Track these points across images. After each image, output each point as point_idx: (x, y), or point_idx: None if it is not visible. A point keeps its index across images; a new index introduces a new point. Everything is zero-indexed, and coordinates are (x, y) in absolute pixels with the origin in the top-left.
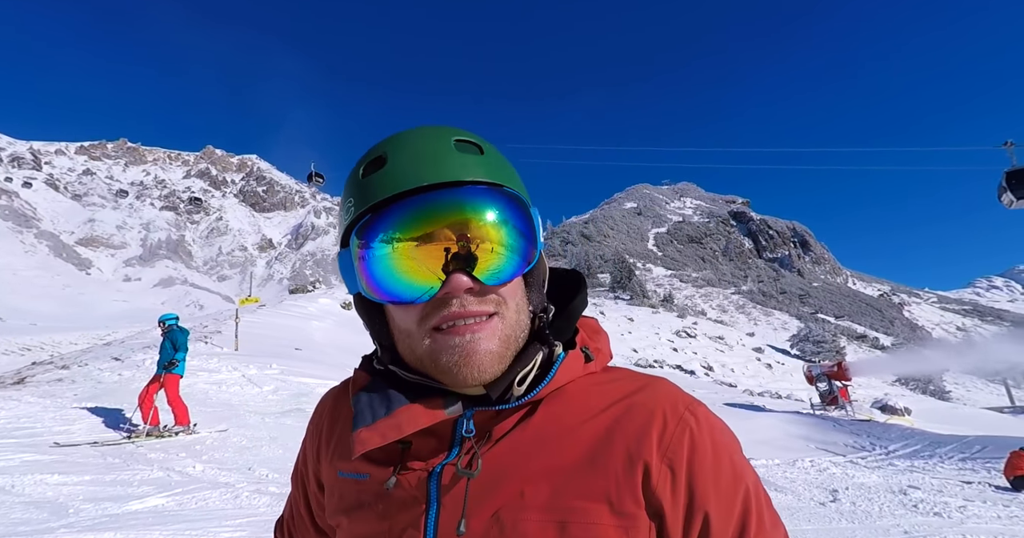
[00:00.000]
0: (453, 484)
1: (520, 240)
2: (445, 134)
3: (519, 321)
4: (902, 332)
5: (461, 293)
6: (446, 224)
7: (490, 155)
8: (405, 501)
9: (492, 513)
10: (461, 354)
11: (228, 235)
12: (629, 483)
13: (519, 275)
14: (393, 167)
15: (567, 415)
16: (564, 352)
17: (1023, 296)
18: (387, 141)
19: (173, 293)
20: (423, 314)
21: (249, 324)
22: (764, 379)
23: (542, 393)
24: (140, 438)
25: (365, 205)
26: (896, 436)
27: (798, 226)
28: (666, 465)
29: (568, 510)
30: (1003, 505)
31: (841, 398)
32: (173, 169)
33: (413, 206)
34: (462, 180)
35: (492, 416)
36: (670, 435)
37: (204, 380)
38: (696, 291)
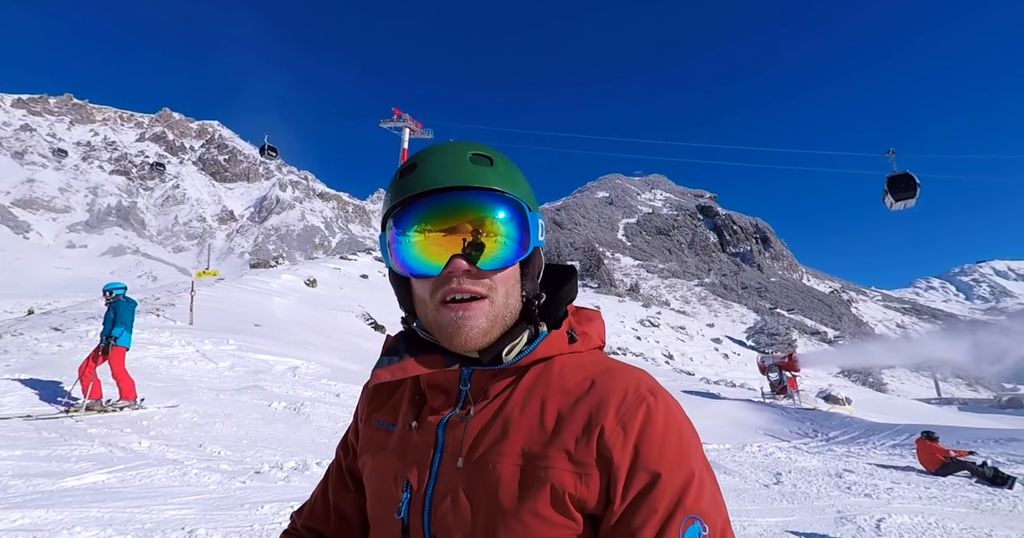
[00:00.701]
0: (454, 430)
1: (513, 235)
2: (464, 148)
3: (507, 304)
4: (848, 327)
5: (460, 274)
6: (454, 218)
7: (499, 166)
8: (419, 444)
9: (479, 455)
10: (454, 326)
11: (185, 204)
12: (586, 440)
13: (510, 265)
14: (419, 172)
15: (547, 383)
16: (548, 331)
17: (955, 297)
18: (420, 153)
19: (123, 263)
20: (434, 288)
21: (206, 298)
22: (721, 368)
23: (525, 360)
24: (79, 412)
25: (396, 200)
26: (836, 424)
27: (760, 223)
28: (619, 426)
29: (535, 456)
30: (924, 487)
31: (790, 388)
32: (125, 131)
33: (433, 202)
34: (469, 185)
35: (489, 377)
36: (627, 406)
37: (154, 354)
38: (661, 282)
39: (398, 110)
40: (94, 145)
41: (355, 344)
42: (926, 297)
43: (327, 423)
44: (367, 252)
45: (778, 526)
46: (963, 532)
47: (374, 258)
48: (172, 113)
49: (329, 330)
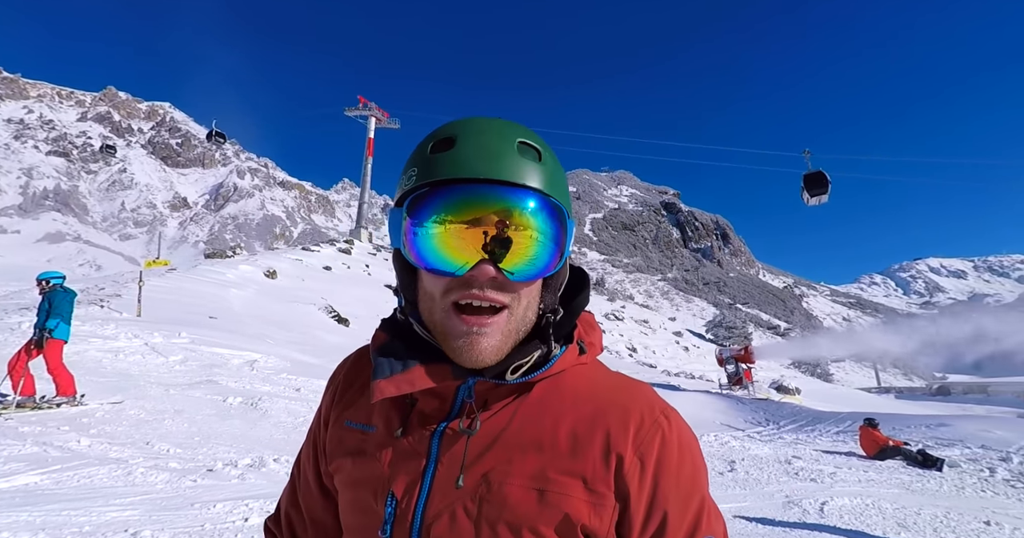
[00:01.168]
0: (453, 442)
1: (550, 247)
2: (512, 133)
3: (525, 317)
4: (799, 321)
5: (485, 279)
6: (491, 216)
7: (547, 163)
8: (408, 453)
9: (483, 474)
10: (467, 341)
11: (133, 189)
12: (603, 469)
13: (540, 278)
14: (459, 153)
15: (558, 399)
16: (564, 346)
17: (895, 292)
18: (459, 124)
19: (62, 250)
20: (448, 287)
21: (156, 288)
22: (681, 361)
23: (536, 378)
24: (9, 410)
25: (426, 179)
26: (787, 413)
27: (720, 219)
28: (638, 458)
29: (548, 480)
30: (863, 471)
31: (745, 379)
32: (64, 109)
33: (467, 193)
34: (516, 182)
35: (492, 388)
36: (645, 433)
37: (97, 347)
38: (626, 276)
39: (364, 98)
40: (28, 123)
41: (317, 337)
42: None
43: (286, 418)
44: (331, 243)
45: (730, 512)
46: (896, 511)
47: (337, 250)
48: (118, 92)
49: (290, 323)
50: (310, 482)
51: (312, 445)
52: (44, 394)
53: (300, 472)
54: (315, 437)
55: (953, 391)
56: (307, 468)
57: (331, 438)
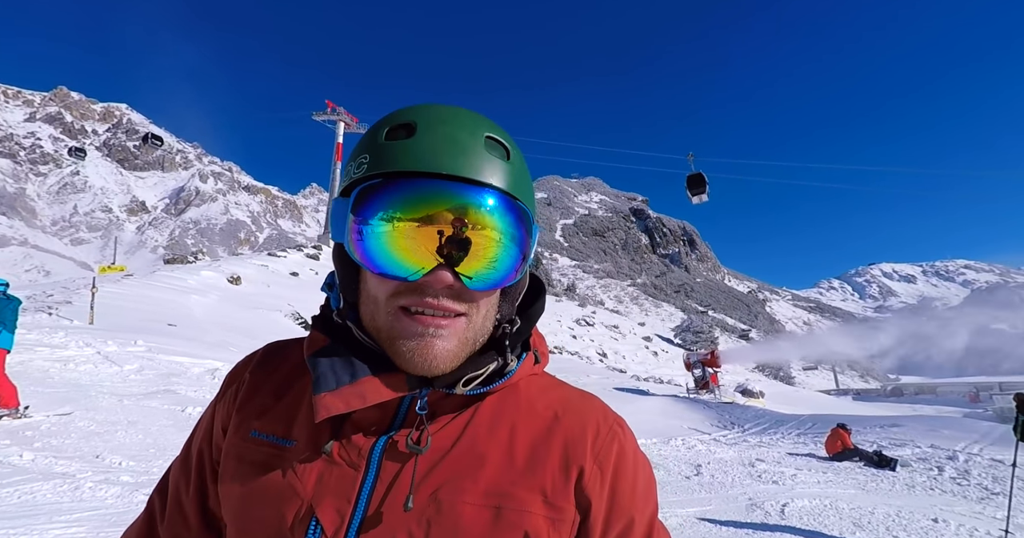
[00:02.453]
0: (397, 459)
1: (514, 253)
2: (479, 126)
3: (483, 327)
4: (763, 325)
5: (440, 287)
6: (450, 216)
7: (514, 162)
8: (338, 472)
9: (431, 492)
10: (419, 344)
11: (87, 193)
12: (563, 481)
13: (501, 287)
14: (419, 143)
15: (512, 410)
16: (522, 355)
17: (852, 296)
18: (420, 110)
19: (7, 255)
20: (396, 290)
21: (110, 295)
22: (650, 365)
23: (491, 390)
24: None
25: (379, 169)
26: (751, 416)
27: (688, 226)
28: (597, 467)
29: (504, 496)
30: (822, 472)
31: (712, 383)
32: (11, 109)
33: (427, 189)
34: (481, 181)
35: (442, 397)
36: (602, 441)
37: (44, 356)
38: (597, 282)
39: (331, 103)
40: None
41: None
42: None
43: None
44: (298, 249)
45: (695, 515)
46: (852, 511)
47: (305, 255)
48: (70, 92)
49: (255, 330)
50: (187, 514)
51: (196, 467)
52: None
53: (169, 501)
54: (200, 456)
55: (906, 392)
56: (183, 496)
57: (227, 453)
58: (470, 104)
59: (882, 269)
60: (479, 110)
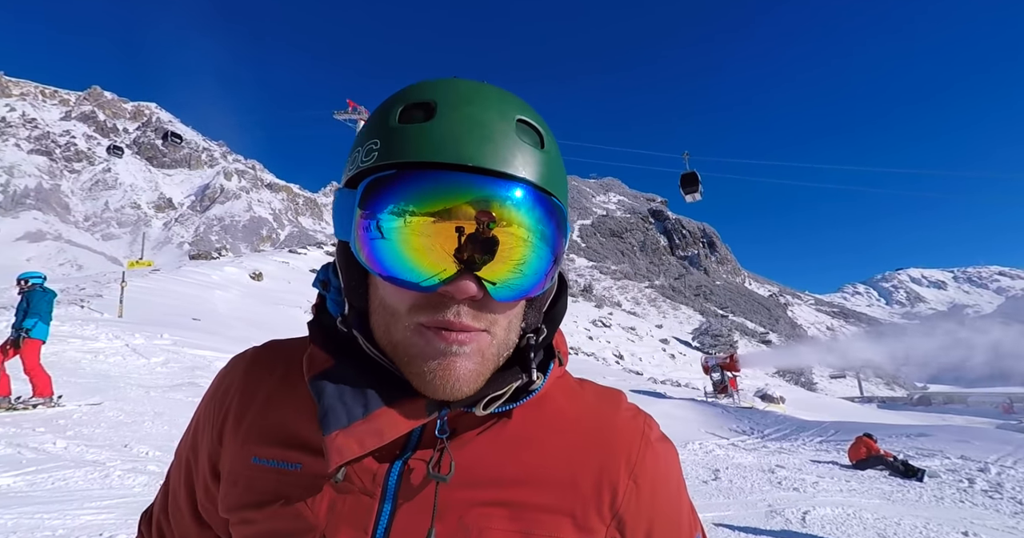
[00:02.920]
0: (416, 484)
1: (545, 257)
2: (509, 107)
3: (507, 340)
4: (784, 329)
5: (463, 298)
6: (473, 211)
7: (549, 151)
8: (352, 499)
9: (457, 518)
10: (441, 364)
11: (117, 189)
12: (596, 501)
13: (529, 296)
14: (440, 126)
15: (540, 425)
16: (550, 363)
17: (877, 302)
18: (439, 86)
19: (42, 249)
20: (415, 303)
21: (139, 289)
22: (667, 368)
23: (523, 405)
24: None
25: (392, 158)
26: (771, 421)
27: (708, 227)
28: (632, 481)
29: (534, 521)
30: (845, 481)
31: (730, 387)
32: (47, 108)
33: (448, 182)
34: (514, 175)
35: (462, 413)
36: (636, 452)
37: (76, 348)
38: (614, 283)
39: (353, 102)
40: (10, 121)
41: None
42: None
43: None
44: (318, 246)
45: (713, 520)
46: (877, 522)
47: (325, 253)
48: (103, 92)
49: (276, 326)
50: (183, 509)
51: (184, 471)
52: (20, 395)
53: (172, 491)
54: (187, 463)
55: (934, 401)
56: (179, 492)
57: (232, 479)
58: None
59: (910, 274)
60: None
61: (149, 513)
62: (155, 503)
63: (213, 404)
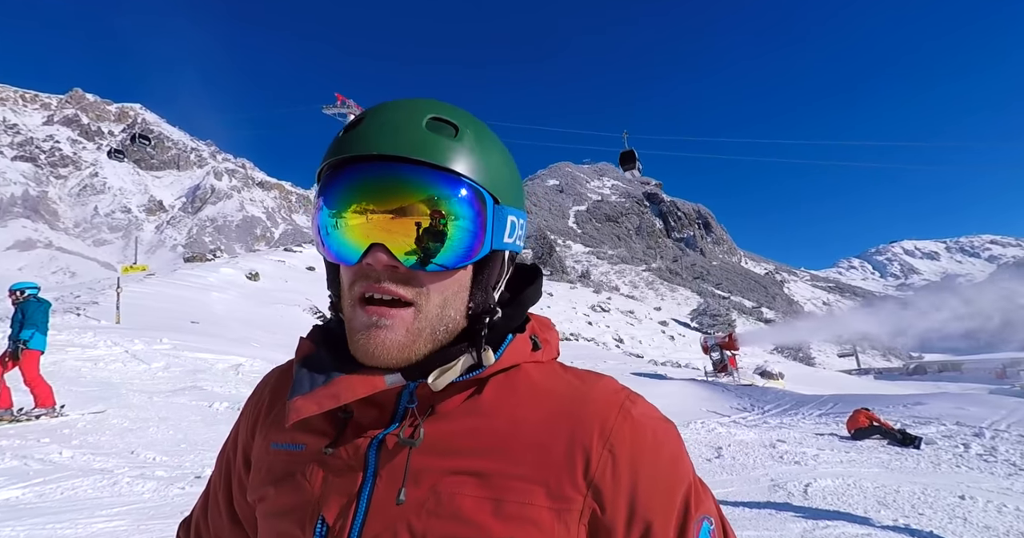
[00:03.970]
0: (393, 454)
1: (462, 232)
2: (422, 108)
3: (441, 316)
4: (781, 306)
5: (380, 268)
6: (389, 197)
7: (465, 139)
8: (340, 470)
9: (430, 485)
10: (366, 335)
11: (106, 194)
12: (569, 469)
13: (449, 269)
14: (360, 131)
15: (513, 397)
16: (512, 335)
17: (872, 275)
18: (378, 105)
19: (34, 257)
20: (352, 279)
21: (135, 295)
22: (667, 350)
23: (486, 373)
24: None
25: (328, 158)
26: (771, 398)
27: (703, 209)
28: (607, 451)
29: (505, 489)
30: (844, 452)
31: (730, 366)
32: (29, 113)
33: (361, 172)
34: (414, 158)
35: (438, 392)
36: (612, 421)
37: (75, 356)
38: (611, 268)
39: (341, 96)
40: None
41: None
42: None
43: None
44: (313, 243)
45: (716, 497)
46: (876, 490)
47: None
48: (85, 94)
49: (274, 326)
50: (220, 507)
51: (224, 469)
52: (22, 406)
53: (212, 491)
54: (227, 461)
55: (929, 370)
56: (218, 491)
57: (257, 466)
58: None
59: (904, 247)
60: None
61: (188, 520)
62: (195, 508)
63: (251, 403)
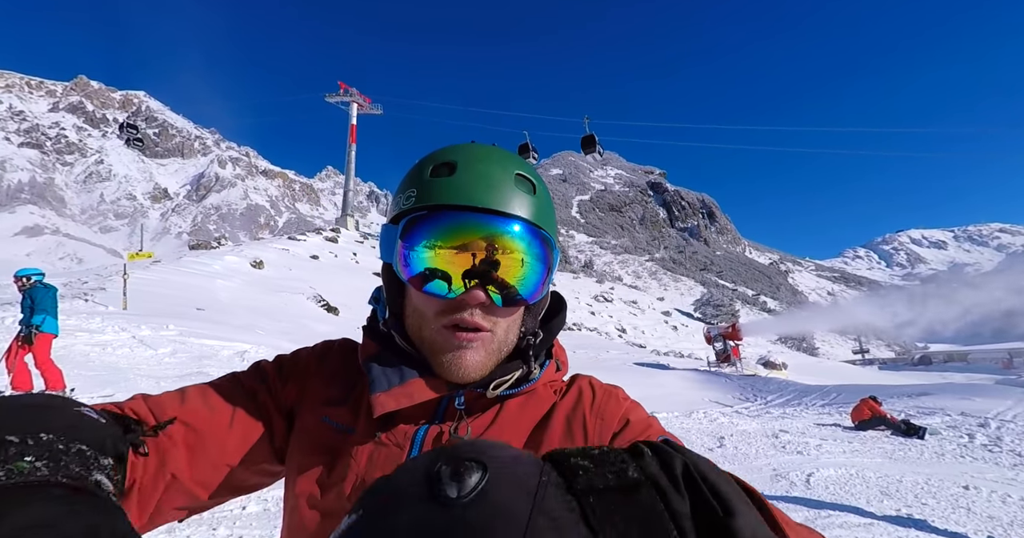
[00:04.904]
0: (438, 441)
1: (537, 276)
2: (511, 165)
3: (506, 339)
4: (785, 296)
5: (475, 304)
6: (483, 243)
7: (540, 197)
8: (384, 450)
9: None
10: (456, 355)
11: (112, 181)
12: (568, 437)
13: (526, 303)
14: (459, 180)
15: (535, 406)
16: (545, 362)
17: (878, 265)
18: (460, 150)
19: (41, 244)
20: (442, 309)
21: (141, 281)
22: (670, 340)
23: (518, 392)
24: None
25: (425, 202)
26: (774, 388)
27: (707, 198)
28: (597, 417)
29: None
30: (847, 442)
31: (733, 356)
32: (35, 100)
33: (465, 220)
34: (509, 213)
35: (477, 398)
36: (600, 400)
37: (84, 341)
38: (614, 258)
39: (344, 84)
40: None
41: (307, 327)
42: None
43: None
44: (316, 232)
45: None
46: (879, 480)
47: (324, 238)
48: (90, 81)
49: (278, 313)
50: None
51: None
52: (39, 390)
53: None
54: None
55: (934, 360)
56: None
57: (303, 429)
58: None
59: (910, 236)
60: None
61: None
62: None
63: (298, 371)
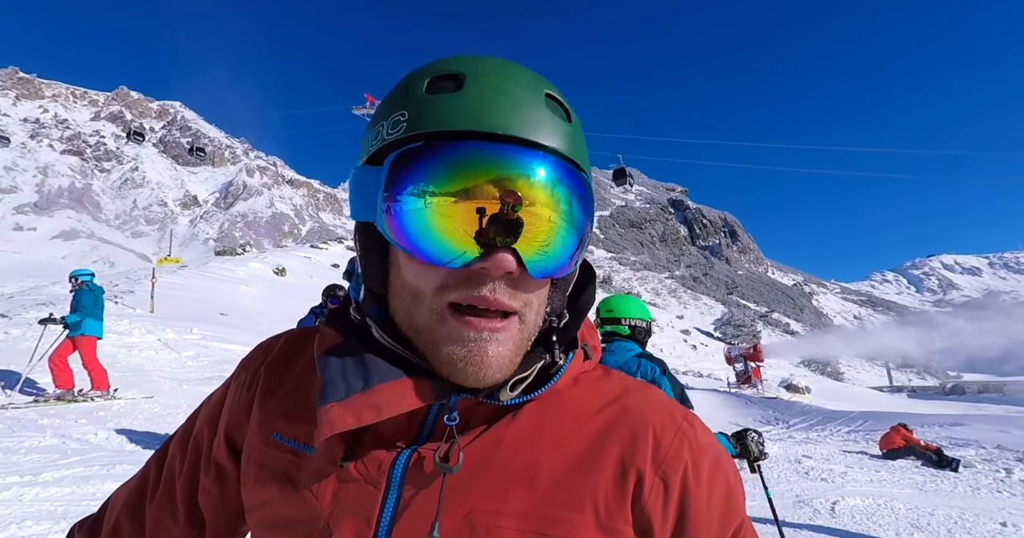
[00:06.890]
0: (424, 477)
1: (576, 236)
2: (537, 81)
3: (536, 324)
4: (809, 319)
5: (500, 274)
6: (511, 187)
7: (576, 126)
8: (357, 488)
9: (464, 514)
10: (471, 351)
11: (145, 188)
12: (619, 495)
13: (556, 276)
14: (471, 96)
15: (558, 415)
16: (570, 354)
17: (907, 289)
18: (466, 61)
19: (77, 247)
20: (445, 282)
21: (168, 285)
22: (689, 359)
23: (537, 397)
24: (47, 403)
25: (422, 128)
26: (797, 412)
27: (729, 217)
28: (660, 478)
29: (550, 520)
30: (875, 471)
31: (754, 377)
32: (78, 109)
33: (478, 153)
34: (547, 146)
35: (475, 404)
36: (667, 446)
37: (112, 343)
38: (633, 274)
39: (371, 97)
40: (44, 122)
41: None
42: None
43: None
44: (339, 241)
45: None
46: (909, 512)
47: (346, 247)
48: (130, 92)
49: (299, 318)
50: (177, 503)
51: (192, 451)
52: (81, 388)
53: (164, 480)
54: (197, 446)
55: (968, 390)
56: (176, 478)
57: (250, 457)
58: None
59: (942, 261)
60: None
61: (96, 522)
62: (112, 505)
63: (241, 381)
